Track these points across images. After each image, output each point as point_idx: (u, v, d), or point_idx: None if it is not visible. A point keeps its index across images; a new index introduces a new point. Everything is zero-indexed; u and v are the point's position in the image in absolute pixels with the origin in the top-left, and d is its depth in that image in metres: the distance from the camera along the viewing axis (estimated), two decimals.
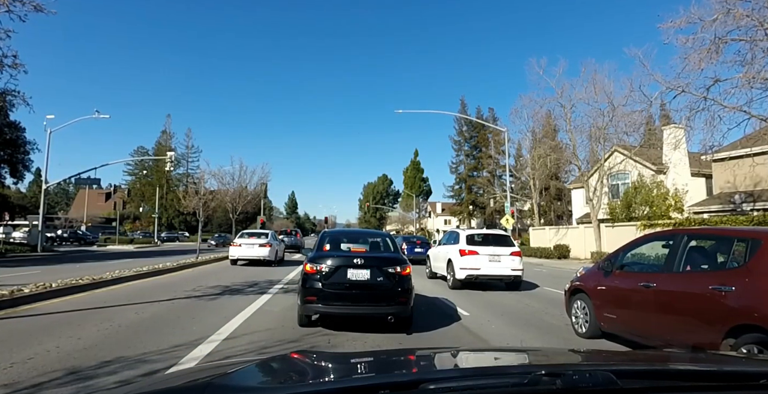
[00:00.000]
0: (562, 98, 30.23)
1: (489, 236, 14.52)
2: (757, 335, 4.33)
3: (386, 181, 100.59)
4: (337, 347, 6.13)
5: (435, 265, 15.72)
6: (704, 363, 1.91)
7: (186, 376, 1.76)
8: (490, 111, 65.72)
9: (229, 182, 32.50)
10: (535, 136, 37.61)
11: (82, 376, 4.65)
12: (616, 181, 30.98)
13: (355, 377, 1.69)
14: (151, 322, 7.56)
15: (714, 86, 17.20)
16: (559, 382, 1.29)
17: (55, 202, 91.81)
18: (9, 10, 13.29)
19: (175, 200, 59.78)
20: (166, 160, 37.23)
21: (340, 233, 10.97)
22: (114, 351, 5.58)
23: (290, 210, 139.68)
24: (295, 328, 7.21)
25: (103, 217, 72.32)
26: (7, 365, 4.98)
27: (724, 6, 15.75)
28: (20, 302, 8.77)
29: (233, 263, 20.90)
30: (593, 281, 7.06)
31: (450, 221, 74.14)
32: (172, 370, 4.63)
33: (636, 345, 5.99)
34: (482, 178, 61.41)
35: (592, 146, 29.09)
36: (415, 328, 7.34)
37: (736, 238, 5.28)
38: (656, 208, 25.52)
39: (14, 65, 16.34)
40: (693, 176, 28.74)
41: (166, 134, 75.42)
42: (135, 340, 6.27)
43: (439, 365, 2.04)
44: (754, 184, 22.48)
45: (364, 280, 6.95)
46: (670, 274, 5.62)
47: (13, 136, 33.57)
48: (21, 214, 47.44)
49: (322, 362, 1.96)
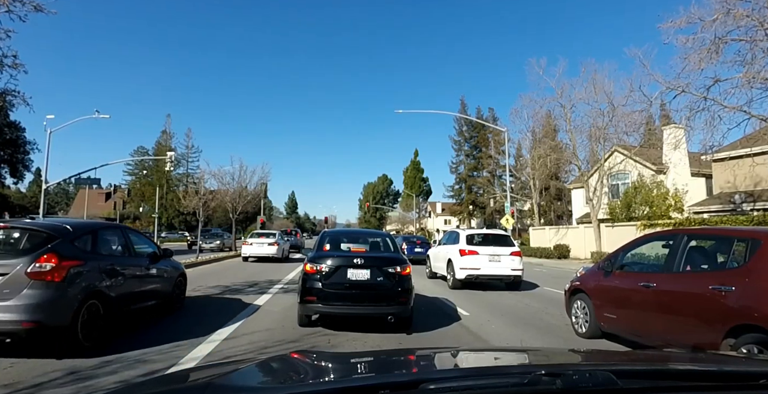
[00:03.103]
0: (562, 98, 30.25)
1: (489, 236, 14.53)
2: (757, 335, 4.33)
3: (386, 181, 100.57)
4: (337, 347, 6.13)
5: (435, 265, 15.73)
6: (704, 363, 1.92)
7: (186, 376, 1.76)
8: (490, 111, 65.76)
9: (229, 182, 32.49)
10: (535, 136, 37.62)
11: (82, 376, 4.65)
12: (616, 181, 30.98)
13: (355, 377, 1.69)
14: (151, 321, 7.55)
15: (714, 86, 17.20)
16: (559, 382, 1.29)
17: (55, 202, 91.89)
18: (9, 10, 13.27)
19: (175, 199, 59.77)
20: (166, 160, 37.20)
21: (340, 232, 10.96)
22: (114, 351, 5.58)
23: (290, 210, 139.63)
24: (295, 328, 7.21)
25: (103, 217, 72.25)
26: (7, 365, 4.98)
27: (724, 6, 15.74)
28: None
29: (245, 259, 22.97)
30: (593, 281, 7.07)
31: (450, 221, 74.15)
32: (172, 370, 4.63)
33: (636, 345, 5.99)
34: (482, 178, 61.41)
35: (592, 146, 29.09)
36: (415, 328, 7.35)
37: (736, 238, 5.28)
38: (656, 208, 25.52)
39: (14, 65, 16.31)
40: (693, 176, 28.73)
41: (166, 134, 75.41)
42: (135, 339, 6.27)
43: (439, 365, 2.04)
44: (754, 184, 22.47)
45: (364, 280, 6.95)
46: (670, 274, 5.62)
47: (13, 136, 33.65)
48: (21, 214, 47.52)
49: (322, 362, 1.96)
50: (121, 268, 6.65)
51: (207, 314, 8.29)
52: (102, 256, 6.40)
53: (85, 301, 5.63)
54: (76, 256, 5.73)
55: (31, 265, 5.24)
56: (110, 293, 6.15)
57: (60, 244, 5.61)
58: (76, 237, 6.03)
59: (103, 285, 6.06)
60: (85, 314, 5.60)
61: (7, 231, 5.92)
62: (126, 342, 6.06)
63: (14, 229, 5.93)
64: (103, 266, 6.21)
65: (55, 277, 5.31)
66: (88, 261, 5.91)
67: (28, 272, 5.19)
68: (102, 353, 5.46)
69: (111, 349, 5.67)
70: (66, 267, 5.43)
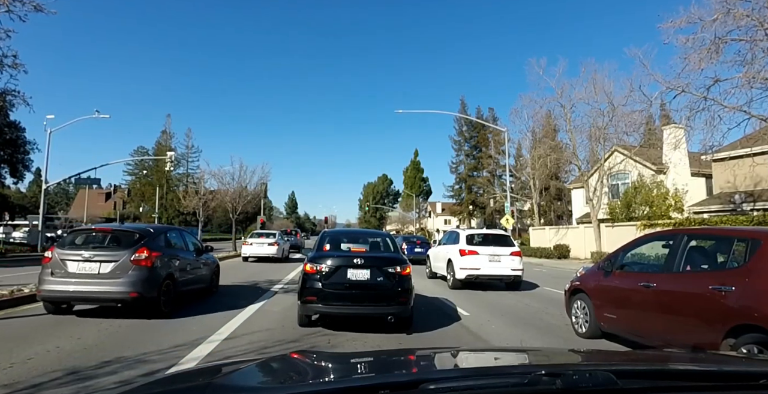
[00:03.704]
0: (562, 98, 30.22)
1: (489, 236, 14.52)
2: (757, 335, 4.33)
3: (386, 181, 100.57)
4: (337, 347, 6.13)
5: (435, 265, 15.73)
6: (704, 363, 1.91)
7: (186, 376, 1.76)
8: (490, 111, 65.75)
9: (229, 182, 32.41)
10: (535, 136, 37.60)
11: (82, 376, 4.65)
12: (616, 181, 30.97)
13: (355, 377, 1.69)
14: (151, 322, 7.55)
15: (714, 86, 17.18)
16: (559, 382, 1.29)
17: (55, 202, 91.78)
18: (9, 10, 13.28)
19: (175, 199, 59.77)
20: (166, 160, 37.24)
21: (340, 232, 10.96)
22: (114, 351, 5.59)
23: (290, 210, 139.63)
24: (295, 328, 7.21)
25: (103, 217, 72.27)
26: (7, 365, 4.98)
27: (724, 6, 15.74)
28: (20, 302, 8.77)
29: (245, 260, 22.93)
30: (593, 281, 7.07)
31: (450, 221, 74.13)
32: (172, 370, 4.63)
33: (636, 345, 5.99)
34: (482, 178, 61.41)
35: (592, 146, 29.07)
36: (415, 328, 7.35)
37: (736, 238, 5.28)
38: (656, 208, 25.52)
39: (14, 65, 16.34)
40: (693, 176, 28.73)
41: (166, 134, 75.40)
42: (135, 340, 6.28)
43: (439, 365, 2.04)
44: (754, 184, 22.47)
45: (364, 280, 6.94)
46: (670, 274, 5.62)
47: (13, 136, 33.59)
48: (21, 214, 47.52)
49: (322, 362, 1.96)
50: (182, 258, 9.16)
51: (207, 314, 8.30)
52: (171, 249, 8.91)
53: (164, 281, 8.08)
54: (157, 249, 8.21)
55: (132, 254, 7.74)
56: (177, 276, 8.68)
57: (148, 241, 8.14)
58: (155, 236, 8.55)
59: (173, 270, 8.57)
60: (164, 289, 8.09)
61: (113, 233, 8.62)
62: (186, 312, 8.37)
63: (117, 231, 8.71)
64: (172, 257, 8.75)
65: (147, 263, 7.80)
66: (164, 253, 8.38)
67: (131, 260, 7.69)
68: (175, 317, 7.90)
69: (178, 315, 8.06)
70: (153, 257, 7.92)
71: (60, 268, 7.65)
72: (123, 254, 7.71)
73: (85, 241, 8.36)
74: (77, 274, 7.58)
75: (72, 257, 7.70)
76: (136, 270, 7.62)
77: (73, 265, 7.64)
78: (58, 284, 7.57)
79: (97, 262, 7.65)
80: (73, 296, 7.65)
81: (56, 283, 7.59)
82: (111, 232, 8.66)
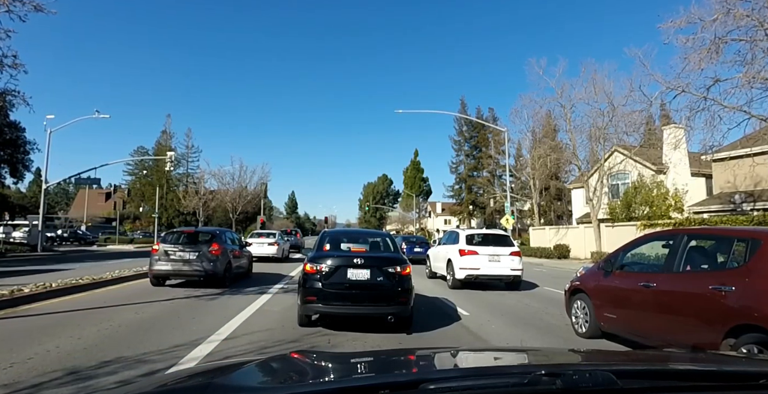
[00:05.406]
0: (562, 98, 30.24)
1: (489, 236, 14.52)
2: (757, 335, 4.33)
3: (386, 181, 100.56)
4: (337, 347, 6.13)
5: (435, 265, 15.72)
6: (704, 363, 1.91)
7: (186, 376, 1.76)
8: (490, 111, 65.66)
9: (229, 182, 32.52)
10: (535, 136, 37.57)
11: (82, 376, 4.65)
12: (616, 181, 30.96)
13: (355, 377, 1.69)
14: (151, 322, 7.56)
15: (714, 86, 17.19)
16: (559, 382, 1.29)
17: (55, 202, 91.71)
18: (9, 10, 13.28)
19: (175, 199, 59.74)
20: (166, 160, 37.21)
21: (340, 232, 10.97)
22: (114, 351, 5.59)
23: (290, 210, 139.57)
24: (295, 328, 7.21)
25: (103, 217, 72.28)
26: (7, 365, 4.98)
27: (724, 6, 15.74)
28: (20, 302, 8.77)
29: None
30: (593, 281, 7.06)
31: (450, 221, 74.12)
32: (172, 370, 4.62)
33: (636, 345, 5.98)
34: (482, 178, 61.37)
35: (592, 146, 29.07)
36: (415, 328, 7.34)
37: (736, 238, 5.28)
38: (656, 208, 25.51)
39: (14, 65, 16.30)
40: (693, 176, 28.72)
41: (166, 134, 75.20)
42: (135, 340, 6.28)
43: (439, 365, 2.04)
44: (754, 184, 22.46)
45: (364, 280, 6.94)
46: (670, 274, 5.62)
47: (13, 136, 33.57)
48: (21, 214, 47.42)
49: (322, 362, 1.96)
50: (234, 251, 13.18)
51: (207, 314, 8.30)
52: (228, 244, 13.01)
53: (227, 264, 12.38)
54: (222, 243, 12.51)
55: (209, 247, 12.02)
56: (232, 262, 12.77)
57: (217, 238, 12.64)
58: (221, 235, 13.09)
59: (230, 258, 12.65)
60: (227, 270, 12.31)
61: (196, 233, 13.20)
62: (236, 287, 12.03)
63: (198, 232, 13.49)
64: (230, 250, 12.85)
65: (217, 253, 12.02)
66: (226, 247, 12.64)
67: (209, 251, 12.00)
68: (232, 287, 11.93)
69: (233, 287, 11.96)
70: (221, 249, 12.17)
71: (164, 255, 11.81)
72: (202, 247, 12.06)
73: (178, 238, 12.77)
74: (174, 260, 11.80)
75: (171, 249, 11.92)
76: (211, 257, 11.86)
77: (172, 253, 11.86)
78: (163, 266, 11.79)
79: (187, 251, 11.87)
80: (172, 273, 11.86)
81: (162, 265, 11.79)
82: (194, 232, 13.28)
